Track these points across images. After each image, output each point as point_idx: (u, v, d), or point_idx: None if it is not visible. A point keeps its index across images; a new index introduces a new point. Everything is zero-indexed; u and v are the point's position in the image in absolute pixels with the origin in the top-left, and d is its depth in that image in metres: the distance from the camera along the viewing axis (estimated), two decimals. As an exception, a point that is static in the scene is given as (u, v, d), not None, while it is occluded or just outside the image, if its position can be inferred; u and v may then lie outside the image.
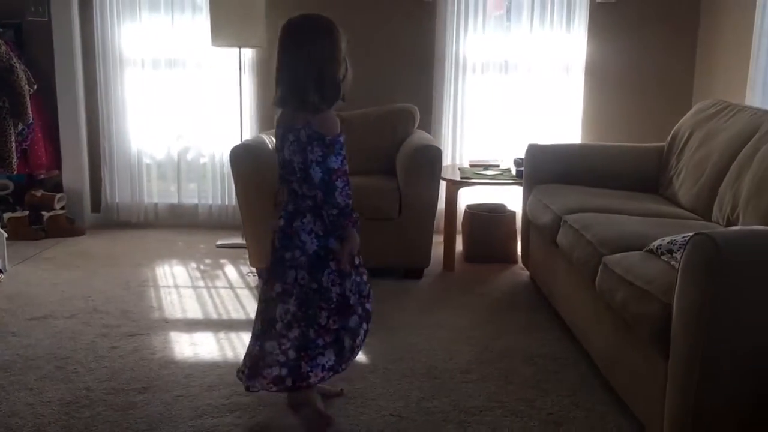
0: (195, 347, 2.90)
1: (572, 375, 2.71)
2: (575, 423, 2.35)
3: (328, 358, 2.22)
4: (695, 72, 4.70)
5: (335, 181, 2.11)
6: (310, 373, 2.21)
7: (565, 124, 4.71)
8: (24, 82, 3.93)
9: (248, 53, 4.65)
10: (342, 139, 2.14)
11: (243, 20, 4.26)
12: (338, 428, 2.30)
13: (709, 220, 3.08)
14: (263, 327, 2.26)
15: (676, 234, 2.43)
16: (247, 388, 2.31)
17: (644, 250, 2.46)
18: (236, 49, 4.48)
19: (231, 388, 2.54)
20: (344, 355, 2.27)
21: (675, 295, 1.98)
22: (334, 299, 2.22)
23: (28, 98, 3.95)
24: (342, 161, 2.12)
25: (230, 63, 4.66)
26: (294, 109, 2.16)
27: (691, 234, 2.05)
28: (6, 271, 3.80)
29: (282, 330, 2.21)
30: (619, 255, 2.49)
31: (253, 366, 2.26)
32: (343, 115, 4.36)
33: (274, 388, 2.24)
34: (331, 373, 2.25)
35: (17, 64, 3.92)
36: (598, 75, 4.70)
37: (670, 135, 3.77)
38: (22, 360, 2.74)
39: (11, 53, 3.93)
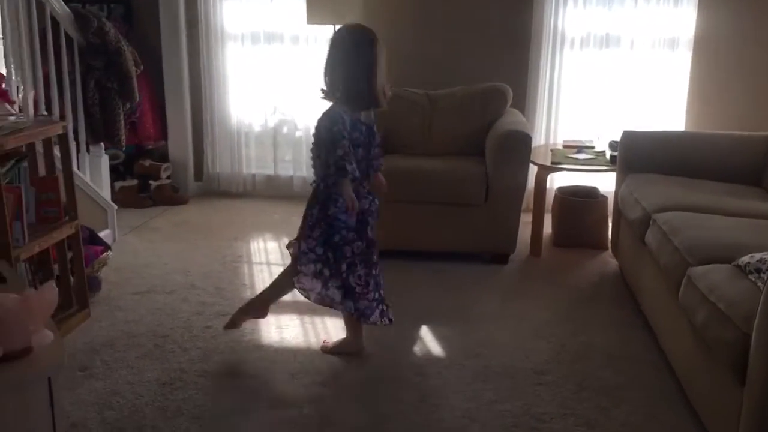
0: (281, 331, 3.05)
1: (651, 382, 2.67)
2: (648, 437, 2.34)
3: None
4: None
5: None
6: None
7: (668, 105, 4.50)
8: (131, 64, 4.15)
9: (343, 29, 4.67)
10: None
11: (338, -3, 4.28)
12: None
13: (815, 222, 2.91)
14: (376, 272, 2.82)
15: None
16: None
17: (732, 264, 2.37)
18: (331, 26, 4.51)
19: (311, 377, 2.67)
20: None
21: (755, 324, 1.92)
22: None
23: (135, 79, 4.17)
24: None
25: (325, 39, 4.71)
26: (354, 107, 2.65)
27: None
28: (115, 241, 4.09)
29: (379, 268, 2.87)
30: (705, 268, 2.41)
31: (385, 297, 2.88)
32: (431, 94, 4.35)
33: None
34: None
35: (125, 47, 4.13)
36: (707, 52, 4.39)
37: (781, 124, 3.55)
38: (126, 336, 2.98)
39: (119, 35, 4.14)
